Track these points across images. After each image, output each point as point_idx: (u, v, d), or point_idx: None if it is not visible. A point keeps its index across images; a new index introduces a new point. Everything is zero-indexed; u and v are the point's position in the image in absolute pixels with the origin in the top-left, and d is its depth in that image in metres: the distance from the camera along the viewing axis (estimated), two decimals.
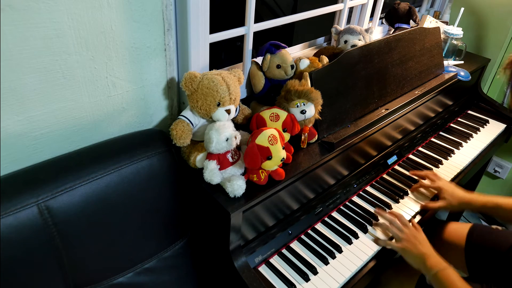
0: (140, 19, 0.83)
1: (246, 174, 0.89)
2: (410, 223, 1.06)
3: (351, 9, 1.46)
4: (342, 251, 0.99)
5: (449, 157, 1.39)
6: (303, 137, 1.00)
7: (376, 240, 1.03)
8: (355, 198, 1.16)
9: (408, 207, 1.15)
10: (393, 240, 1.03)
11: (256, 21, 1.07)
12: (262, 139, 0.85)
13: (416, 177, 1.25)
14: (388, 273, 1.22)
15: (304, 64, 1.11)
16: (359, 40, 1.30)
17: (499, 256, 1.11)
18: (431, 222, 1.04)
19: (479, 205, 1.14)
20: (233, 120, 0.98)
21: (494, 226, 1.25)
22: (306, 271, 0.93)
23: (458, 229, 1.25)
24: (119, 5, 0.78)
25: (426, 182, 1.21)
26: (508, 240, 1.14)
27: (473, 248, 1.18)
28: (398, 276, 1.18)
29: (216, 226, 0.90)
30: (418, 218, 1.14)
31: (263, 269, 0.93)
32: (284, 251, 0.98)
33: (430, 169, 1.31)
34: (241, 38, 1.09)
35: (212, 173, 0.86)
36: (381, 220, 1.08)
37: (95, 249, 0.83)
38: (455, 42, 1.56)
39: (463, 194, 1.16)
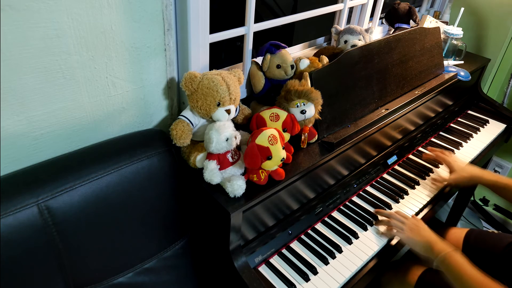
0: (140, 19, 0.83)
1: (246, 174, 0.89)
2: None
3: (351, 9, 1.46)
4: (342, 251, 0.99)
5: None
6: (303, 137, 1.00)
7: (382, 233, 1.04)
8: (355, 198, 1.17)
9: (408, 207, 1.15)
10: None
11: (256, 21, 1.07)
12: (262, 139, 0.85)
13: (429, 155, 1.30)
14: (388, 275, 1.23)
15: (304, 64, 1.11)
16: (359, 40, 1.30)
17: (494, 257, 1.13)
18: (430, 226, 1.05)
19: (490, 180, 1.15)
20: (233, 120, 0.98)
21: (490, 230, 1.27)
22: (306, 271, 0.93)
23: (456, 233, 1.28)
24: (119, 5, 0.78)
25: (439, 154, 1.26)
26: (502, 242, 1.16)
27: (470, 251, 1.20)
28: (398, 278, 1.19)
29: (216, 226, 0.90)
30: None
31: (263, 269, 0.93)
32: (284, 251, 0.98)
33: (430, 169, 1.31)
34: (241, 38, 1.09)
35: (212, 173, 0.86)
36: (380, 218, 1.08)
37: (95, 249, 0.83)
38: (455, 42, 1.56)
39: (474, 168, 1.19)
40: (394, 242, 1.05)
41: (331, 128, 1.08)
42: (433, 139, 1.48)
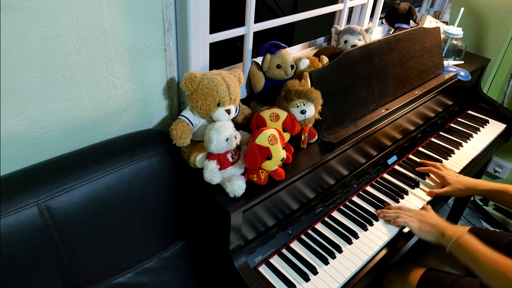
0: (140, 19, 0.83)
1: (246, 174, 0.89)
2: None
3: (351, 9, 1.46)
4: (342, 251, 0.99)
5: (449, 157, 1.39)
6: (303, 137, 1.00)
7: (394, 222, 1.06)
8: (355, 198, 1.16)
9: (408, 207, 1.15)
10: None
11: (256, 21, 1.07)
12: (262, 139, 0.85)
13: (423, 167, 1.29)
14: (389, 275, 1.23)
15: (304, 64, 1.11)
16: (359, 40, 1.30)
17: None
18: None
19: (486, 189, 1.17)
20: (233, 120, 0.98)
21: (492, 229, 1.27)
22: (306, 271, 0.93)
23: None
24: (119, 5, 0.78)
25: (433, 169, 1.26)
26: (504, 241, 1.16)
27: None
28: (399, 278, 1.19)
29: (216, 226, 0.90)
30: None
31: (263, 269, 0.93)
32: (284, 251, 0.98)
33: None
34: (241, 38, 1.09)
35: (212, 173, 0.86)
36: (388, 214, 1.08)
37: (95, 249, 0.83)
38: (455, 42, 1.56)
39: (468, 179, 1.20)
40: (394, 241, 1.05)
41: (331, 128, 1.08)
42: (433, 139, 1.48)
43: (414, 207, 1.15)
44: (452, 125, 1.59)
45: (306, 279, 0.91)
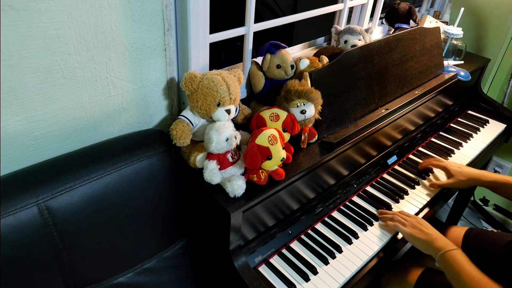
0: (140, 19, 0.83)
1: (246, 174, 0.89)
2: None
3: (351, 9, 1.46)
4: (342, 251, 0.99)
5: (449, 157, 1.39)
6: (303, 137, 1.00)
7: (385, 225, 1.06)
8: (355, 198, 1.16)
9: (408, 207, 1.15)
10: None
11: (256, 21, 1.07)
12: (262, 139, 0.85)
13: (424, 165, 1.29)
14: (388, 275, 1.23)
15: (304, 64, 1.11)
16: (359, 40, 1.30)
17: (493, 256, 1.13)
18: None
19: (489, 180, 1.15)
20: (233, 120, 0.98)
21: (490, 229, 1.27)
22: (306, 271, 0.93)
23: (455, 232, 1.28)
24: (119, 5, 0.78)
25: (434, 161, 1.26)
26: (501, 241, 1.16)
27: (469, 249, 1.20)
28: (398, 278, 1.19)
29: (216, 226, 0.90)
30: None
31: (263, 269, 0.93)
32: (284, 251, 0.98)
33: (431, 169, 1.30)
34: (241, 38, 1.09)
35: (212, 173, 0.86)
36: (383, 216, 1.08)
37: (95, 249, 0.83)
38: (455, 42, 1.56)
39: (472, 170, 1.19)
40: (394, 241, 1.05)
41: (331, 128, 1.08)
42: (433, 139, 1.48)
43: (414, 208, 1.15)
44: (452, 125, 1.59)
45: (306, 279, 0.91)
